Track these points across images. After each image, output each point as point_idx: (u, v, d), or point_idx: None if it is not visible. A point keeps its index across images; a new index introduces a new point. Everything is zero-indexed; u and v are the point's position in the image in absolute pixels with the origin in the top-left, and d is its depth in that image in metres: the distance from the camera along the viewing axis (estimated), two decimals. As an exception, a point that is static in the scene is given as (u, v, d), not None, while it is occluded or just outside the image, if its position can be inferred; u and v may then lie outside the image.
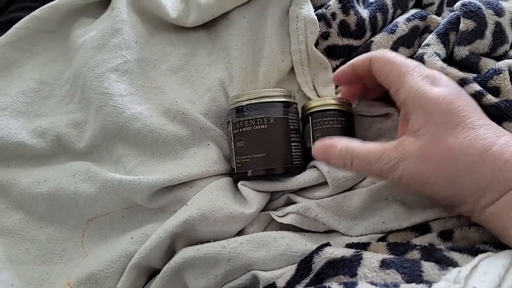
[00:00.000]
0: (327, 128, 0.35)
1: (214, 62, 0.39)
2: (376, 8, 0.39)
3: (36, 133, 0.37)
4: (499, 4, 0.35)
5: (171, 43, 0.40)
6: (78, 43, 0.39)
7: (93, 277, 0.32)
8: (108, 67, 0.36)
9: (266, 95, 0.34)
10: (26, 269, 0.34)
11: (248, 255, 0.31)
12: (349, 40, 0.38)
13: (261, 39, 0.39)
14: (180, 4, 0.40)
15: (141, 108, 0.36)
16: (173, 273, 0.32)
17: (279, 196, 0.36)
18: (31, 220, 0.36)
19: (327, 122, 0.35)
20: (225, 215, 0.32)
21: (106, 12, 0.41)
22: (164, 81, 0.38)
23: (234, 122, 0.34)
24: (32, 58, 0.40)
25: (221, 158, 0.36)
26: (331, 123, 0.35)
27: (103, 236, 0.36)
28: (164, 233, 0.32)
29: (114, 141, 0.36)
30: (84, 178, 0.35)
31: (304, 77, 0.39)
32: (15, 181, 0.36)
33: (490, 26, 0.34)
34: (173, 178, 0.34)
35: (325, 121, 0.35)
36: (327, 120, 0.35)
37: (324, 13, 0.38)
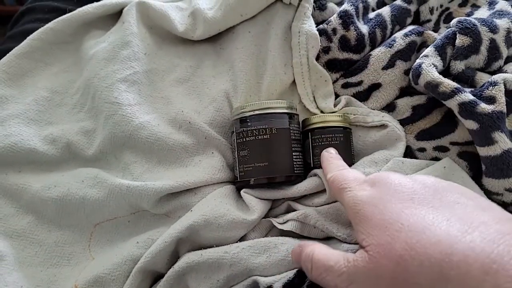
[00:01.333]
0: (325, 144, 0.36)
1: (219, 74, 0.41)
2: (376, 24, 0.40)
3: (47, 140, 0.38)
4: (493, 22, 0.36)
5: (178, 55, 0.42)
6: (89, 54, 0.40)
7: (100, 280, 0.33)
8: (117, 78, 0.38)
9: (269, 106, 0.35)
10: (35, 271, 0.35)
11: (249, 260, 0.31)
12: (349, 54, 0.39)
13: (265, 52, 0.40)
14: (188, 18, 0.42)
15: (149, 117, 0.37)
16: (177, 278, 0.32)
17: (280, 204, 0.37)
18: (40, 224, 0.37)
19: (326, 139, 0.36)
20: (228, 221, 0.33)
21: (116, 25, 0.42)
22: (171, 92, 0.40)
23: (238, 132, 0.36)
24: (45, 68, 0.42)
25: (225, 166, 0.37)
26: (330, 140, 0.36)
27: (110, 240, 0.37)
28: (169, 238, 0.32)
29: (122, 148, 0.37)
30: (93, 183, 0.36)
31: (304, 89, 0.40)
32: (26, 185, 0.37)
33: (485, 42, 0.35)
34: (179, 184, 0.34)
35: (323, 138, 0.36)
36: (326, 137, 0.36)
37: (326, 29, 0.40)
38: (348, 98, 0.39)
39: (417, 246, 0.21)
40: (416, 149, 0.37)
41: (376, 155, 0.36)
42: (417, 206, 0.23)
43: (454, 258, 0.19)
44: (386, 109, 0.39)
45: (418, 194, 0.23)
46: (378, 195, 0.24)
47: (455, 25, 0.36)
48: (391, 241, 0.22)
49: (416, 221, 0.22)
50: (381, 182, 0.25)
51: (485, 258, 0.19)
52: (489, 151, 0.32)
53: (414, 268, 0.20)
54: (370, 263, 0.22)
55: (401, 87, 0.39)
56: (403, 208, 0.23)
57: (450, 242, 0.20)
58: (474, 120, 0.31)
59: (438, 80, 0.33)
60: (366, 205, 0.24)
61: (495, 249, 0.19)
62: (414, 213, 0.22)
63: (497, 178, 0.32)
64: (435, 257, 0.20)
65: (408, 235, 0.21)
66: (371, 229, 0.23)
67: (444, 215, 0.22)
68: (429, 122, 0.37)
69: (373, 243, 0.22)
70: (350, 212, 0.26)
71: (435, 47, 0.36)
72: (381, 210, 0.23)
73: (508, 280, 0.18)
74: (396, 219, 0.22)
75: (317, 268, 0.25)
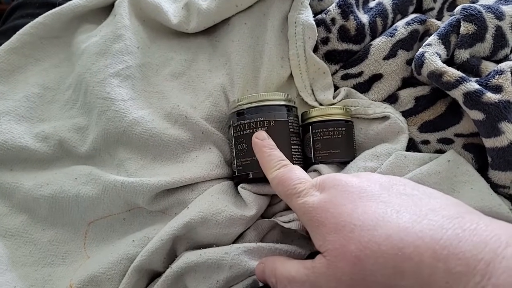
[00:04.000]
0: (327, 138, 0.35)
1: (215, 68, 0.40)
2: (376, 13, 0.39)
3: (39, 137, 0.38)
4: (499, 8, 0.35)
5: (172, 48, 0.41)
6: (80, 48, 0.39)
7: (95, 279, 0.32)
8: (110, 73, 0.37)
9: (267, 98, 0.34)
10: (29, 271, 0.34)
11: (250, 262, 0.31)
12: (349, 45, 0.38)
13: (261, 45, 0.39)
14: (182, 10, 0.41)
15: (143, 113, 0.36)
16: (175, 278, 0.32)
17: (279, 201, 0.36)
18: (34, 223, 0.36)
19: (328, 133, 0.35)
20: (226, 218, 0.32)
21: (108, 18, 0.41)
22: (165, 86, 0.39)
23: (235, 125, 0.35)
24: (35, 63, 0.41)
25: (223, 162, 0.36)
26: (331, 134, 0.35)
27: (105, 238, 0.36)
28: (166, 236, 0.32)
29: (116, 145, 0.37)
30: (86, 180, 0.35)
31: (302, 82, 0.39)
32: (18, 184, 0.36)
33: (491, 30, 0.34)
34: (175, 180, 0.34)
35: (325, 132, 0.35)
36: (328, 131, 0.35)
37: (324, 18, 0.39)
38: (348, 90, 0.38)
39: (370, 244, 0.21)
40: (419, 142, 0.36)
41: (378, 148, 0.35)
42: (367, 202, 0.23)
43: (406, 251, 0.20)
44: (388, 100, 0.38)
45: (366, 192, 0.24)
46: (328, 199, 0.25)
47: (459, 12, 0.35)
48: (345, 243, 0.22)
49: (367, 219, 0.22)
50: (329, 185, 0.26)
51: (435, 245, 0.19)
52: (496, 142, 0.31)
53: (370, 266, 0.21)
54: (329, 267, 0.22)
55: (403, 78, 0.38)
56: (354, 208, 0.23)
57: (400, 235, 0.21)
58: (480, 110, 0.30)
59: (442, 69, 0.32)
60: (318, 210, 0.24)
61: (444, 235, 0.20)
62: (364, 210, 0.23)
63: (504, 171, 0.31)
64: (388, 252, 0.20)
65: (361, 234, 0.22)
66: (326, 234, 0.23)
67: (393, 207, 0.22)
68: (433, 113, 0.35)
69: (329, 248, 0.23)
70: (303, 219, 0.26)
71: (438, 35, 0.35)
72: (333, 214, 0.24)
73: (458, 263, 0.19)
74: (349, 220, 0.23)
75: (281, 282, 0.26)
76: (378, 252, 0.21)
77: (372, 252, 0.21)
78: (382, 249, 0.21)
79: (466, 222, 0.20)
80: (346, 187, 0.25)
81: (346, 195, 0.24)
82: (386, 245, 0.21)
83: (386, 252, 0.20)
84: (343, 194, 0.24)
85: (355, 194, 0.24)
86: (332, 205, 0.24)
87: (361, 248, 0.21)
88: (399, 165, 0.33)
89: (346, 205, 0.24)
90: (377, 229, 0.21)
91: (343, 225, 0.23)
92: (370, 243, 0.21)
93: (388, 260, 0.20)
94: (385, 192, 0.24)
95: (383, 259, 0.20)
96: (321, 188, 0.26)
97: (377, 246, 0.21)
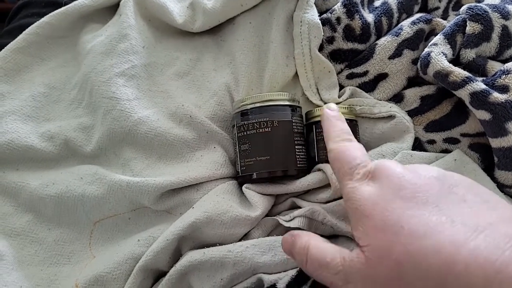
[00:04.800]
0: None
1: (220, 67, 0.40)
2: (381, 12, 0.39)
3: (45, 137, 0.38)
4: (505, 8, 0.35)
5: (177, 48, 0.41)
6: (86, 48, 0.40)
7: (101, 279, 0.32)
8: (115, 72, 0.37)
9: (270, 98, 0.34)
10: (34, 270, 0.35)
11: (253, 259, 0.31)
12: (354, 44, 0.38)
13: (266, 44, 0.39)
14: (187, 10, 0.41)
15: (148, 112, 0.36)
16: (179, 276, 0.32)
17: (284, 200, 0.36)
18: (39, 222, 0.36)
19: None
20: (231, 218, 0.32)
21: (113, 18, 0.42)
22: (170, 86, 0.39)
23: (238, 125, 0.35)
24: (41, 63, 0.41)
25: (228, 161, 0.36)
26: None
27: (110, 238, 0.36)
28: (171, 236, 0.32)
29: (122, 144, 0.37)
30: (92, 180, 0.36)
31: (307, 81, 0.39)
32: (24, 183, 0.36)
33: (497, 29, 0.34)
34: (180, 180, 0.34)
35: None
36: None
37: (329, 18, 0.38)
38: (353, 89, 0.38)
39: (417, 253, 0.19)
40: (425, 141, 0.36)
41: (383, 147, 0.35)
42: (420, 206, 0.21)
43: (455, 268, 0.18)
44: (393, 100, 0.38)
45: (422, 191, 0.22)
46: (380, 192, 0.23)
47: (465, 11, 0.35)
48: (389, 244, 0.20)
49: (418, 224, 0.20)
50: (383, 175, 0.23)
51: (489, 267, 0.18)
52: (502, 142, 0.31)
53: (413, 275, 0.19)
54: (367, 265, 0.21)
55: (409, 77, 0.38)
56: (405, 209, 0.21)
57: (452, 250, 0.19)
58: (487, 110, 0.30)
59: (448, 69, 0.32)
60: (367, 201, 0.23)
61: (500, 257, 0.18)
62: (416, 214, 0.21)
63: (510, 171, 0.31)
64: (436, 266, 0.19)
65: (408, 240, 0.20)
66: (370, 228, 0.22)
67: (448, 216, 0.20)
68: (439, 113, 0.35)
69: (371, 245, 0.21)
70: (348, 205, 0.24)
71: (444, 35, 0.35)
72: (381, 210, 0.22)
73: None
74: (397, 220, 0.21)
75: (312, 263, 0.24)
76: (423, 263, 0.19)
77: (416, 261, 0.19)
78: (429, 261, 0.19)
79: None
80: (400, 181, 0.22)
81: (399, 192, 0.22)
82: (435, 258, 0.19)
83: (434, 265, 0.19)
84: (396, 190, 0.22)
85: (409, 192, 0.22)
86: (382, 199, 0.22)
87: (406, 255, 0.20)
88: (405, 164, 0.33)
89: (398, 203, 0.21)
90: (427, 238, 0.19)
91: (390, 224, 0.21)
92: (416, 251, 0.19)
93: (434, 274, 0.19)
94: (443, 196, 0.21)
95: (429, 272, 0.19)
96: (374, 176, 0.24)
97: (424, 257, 0.19)
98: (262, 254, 0.31)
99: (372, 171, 0.24)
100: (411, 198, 0.21)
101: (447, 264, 0.18)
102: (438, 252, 0.19)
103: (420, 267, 0.19)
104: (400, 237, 0.20)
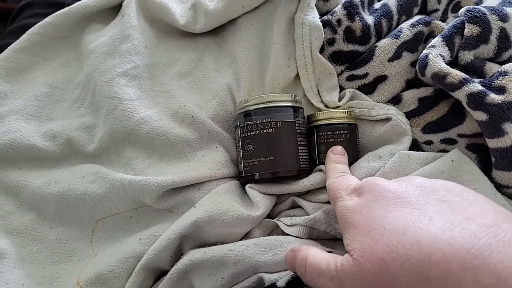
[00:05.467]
0: (331, 142, 0.35)
1: (222, 68, 0.40)
2: (381, 14, 0.39)
3: (47, 136, 0.38)
4: (503, 10, 0.35)
5: (179, 48, 0.41)
6: (89, 48, 0.40)
7: (102, 277, 0.32)
8: (118, 72, 0.37)
9: (274, 99, 0.34)
10: (36, 268, 0.35)
11: (254, 258, 0.31)
12: (355, 46, 0.39)
13: (268, 45, 0.40)
14: (189, 11, 0.41)
15: (150, 112, 0.37)
16: (180, 275, 0.32)
17: (285, 199, 0.36)
18: (41, 221, 0.36)
19: (331, 136, 0.35)
20: (232, 218, 0.33)
21: (116, 19, 0.42)
22: (172, 86, 0.39)
23: (242, 126, 0.35)
24: (44, 63, 0.41)
25: (229, 161, 0.37)
26: (335, 137, 0.35)
27: (112, 236, 0.36)
28: (173, 234, 0.32)
29: (124, 144, 0.37)
30: (94, 179, 0.36)
31: (308, 82, 0.39)
32: (26, 182, 0.36)
33: (495, 32, 0.34)
34: (182, 179, 0.34)
35: (329, 135, 0.36)
36: (331, 134, 0.35)
37: (330, 20, 0.39)
38: (353, 91, 0.39)
39: (398, 247, 0.21)
40: (422, 142, 0.36)
41: (381, 150, 0.35)
42: (400, 208, 0.23)
43: (433, 257, 0.19)
44: (391, 101, 0.38)
45: (402, 198, 0.24)
46: (364, 203, 0.25)
47: (464, 14, 0.35)
48: (373, 244, 0.22)
49: (398, 223, 0.22)
50: (367, 190, 0.26)
51: (465, 254, 0.19)
52: (499, 143, 0.31)
53: (396, 269, 0.21)
54: (354, 266, 0.23)
55: (408, 79, 0.38)
56: (386, 213, 0.23)
57: (429, 241, 0.20)
58: (483, 111, 0.31)
59: (445, 70, 0.32)
60: (353, 213, 0.25)
61: (476, 244, 0.19)
62: (396, 215, 0.23)
63: (508, 171, 0.31)
64: (415, 257, 0.20)
65: (390, 237, 0.22)
66: (356, 234, 0.24)
67: (427, 214, 0.22)
68: (436, 114, 0.36)
69: (357, 247, 0.23)
70: (340, 221, 0.27)
71: (442, 37, 0.35)
72: (365, 216, 0.24)
73: (488, 276, 0.18)
74: (379, 223, 0.23)
75: (310, 272, 0.26)
76: (404, 256, 0.20)
77: (398, 255, 0.21)
78: (410, 254, 0.20)
79: (501, 231, 0.19)
80: (382, 192, 0.25)
81: (381, 200, 0.24)
82: (414, 249, 0.20)
83: (413, 257, 0.20)
84: (378, 199, 0.25)
85: (390, 200, 0.24)
86: (365, 208, 0.25)
87: (388, 251, 0.21)
88: (403, 164, 0.33)
89: (379, 209, 0.24)
90: (407, 233, 0.21)
91: (373, 227, 0.23)
92: (397, 246, 0.21)
93: (415, 266, 0.20)
94: (423, 198, 0.23)
95: (410, 263, 0.20)
96: (359, 192, 0.27)
97: (405, 250, 0.21)
98: (263, 253, 0.31)
99: (358, 188, 0.27)
100: (391, 204, 0.24)
101: (426, 254, 0.20)
102: (416, 244, 0.20)
103: (402, 260, 0.20)
104: (382, 237, 0.22)
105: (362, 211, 0.25)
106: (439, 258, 0.19)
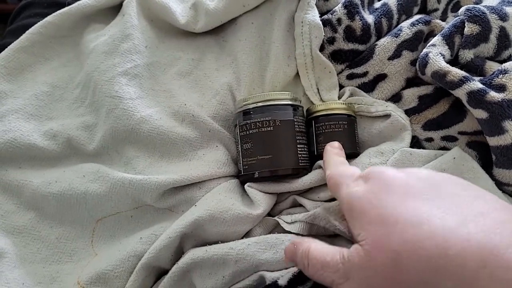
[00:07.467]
0: (329, 132, 0.35)
1: (222, 67, 0.40)
2: (381, 13, 0.39)
3: (47, 135, 0.38)
4: (503, 9, 0.35)
5: (180, 48, 0.41)
6: (89, 48, 0.40)
7: (103, 276, 0.32)
8: (118, 71, 0.37)
9: (272, 98, 0.34)
10: (37, 268, 0.35)
11: (255, 256, 0.31)
12: (355, 44, 0.39)
13: (268, 44, 0.40)
14: (189, 10, 0.41)
15: (151, 111, 0.37)
16: (181, 274, 0.32)
17: (285, 198, 0.36)
18: (42, 220, 0.36)
19: (329, 126, 0.35)
20: (233, 216, 0.33)
21: (116, 18, 0.42)
22: (173, 85, 0.39)
23: (241, 124, 0.35)
24: (44, 62, 0.41)
25: (230, 160, 0.37)
26: (333, 127, 0.35)
27: (113, 235, 0.36)
28: (174, 233, 0.32)
29: (124, 143, 0.37)
30: (94, 178, 0.36)
31: (308, 81, 0.39)
32: (27, 181, 0.36)
33: (495, 30, 0.35)
34: (183, 178, 0.34)
35: (327, 125, 0.36)
36: (330, 124, 0.35)
37: (330, 19, 0.39)
38: (353, 89, 0.39)
39: (412, 240, 0.20)
40: (423, 139, 0.36)
41: (382, 146, 0.35)
42: (412, 199, 0.22)
43: (449, 252, 0.19)
44: (391, 100, 0.38)
45: (413, 187, 0.23)
46: (372, 190, 0.24)
47: (464, 13, 0.35)
48: (386, 235, 0.21)
49: (411, 214, 0.21)
50: (374, 177, 0.25)
51: (481, 249, 0.19)
52: (500, 140, 0.31)
53: (410, 262, 0.20)
54: (366, 258, 0.22)
55: (408, 78, 0.38)
56: (398, 202, 0.22)
57: (445, 235, 0.20)
58: (483, 109, 0.31)
59: (445, 69, 0.32)
60: (361, 200, 0.24)
61: (492, 239, 0.19)
62: (409, 205, 0.22)
63: (508, 169, 0.32)
64: (431, 251, 0.20)
65: (403, 229, 0.21)
66: (366, 224, 0.23)
67: (440, 207, 0.21)
68: (436, 111, 0.36)
69: (368, 238, 0.22)
70: (345, 208, 0.25)
71: (442, 36, 0.35)
72: (376, 205, 0.23)
73: (505, 272, 0.18)
74: (391, 212, 0.22)
75: (314, 265, 0.25)
76: (420, 250, 0.20)
77: (413, 248, 0.20)
78: (425, 247, 0.20)
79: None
80: (392, 181, 0.24)
81: (391, 188, 0.23)
82: (430, 243, 0.20)
83: (429, 251, 0.20)
84: (388, 187, 0.24)
85: (400, 189, 0.23)
86: (375, 196, 0.23)
87: (402, 243, 0.20)
88: (405, 162, 0.33)
89: (390, 198, 0.23)
90: (422, 226, 0.20)
91: (385, 216, 0.22)
92: (412, 239, 0.20)
93: (430, 259, 0.19)
94: (433, 191, 0.23)
95: (425, 257, 0.20)
96: (367, 179, 0.25)
97: (420, 244, 0.20)
98: (264, 252, 0.31)
99: (364, 175, 0.26)
100: (403, 194, 0.23)
101: (442, 249, 0.19)
102: (431, 238, 0.20)
103: (416, 253, 0.20)
104: (396, 228, 0.21)
105: (371, 199, 0.23)
106: (455, 252, 0.19)
